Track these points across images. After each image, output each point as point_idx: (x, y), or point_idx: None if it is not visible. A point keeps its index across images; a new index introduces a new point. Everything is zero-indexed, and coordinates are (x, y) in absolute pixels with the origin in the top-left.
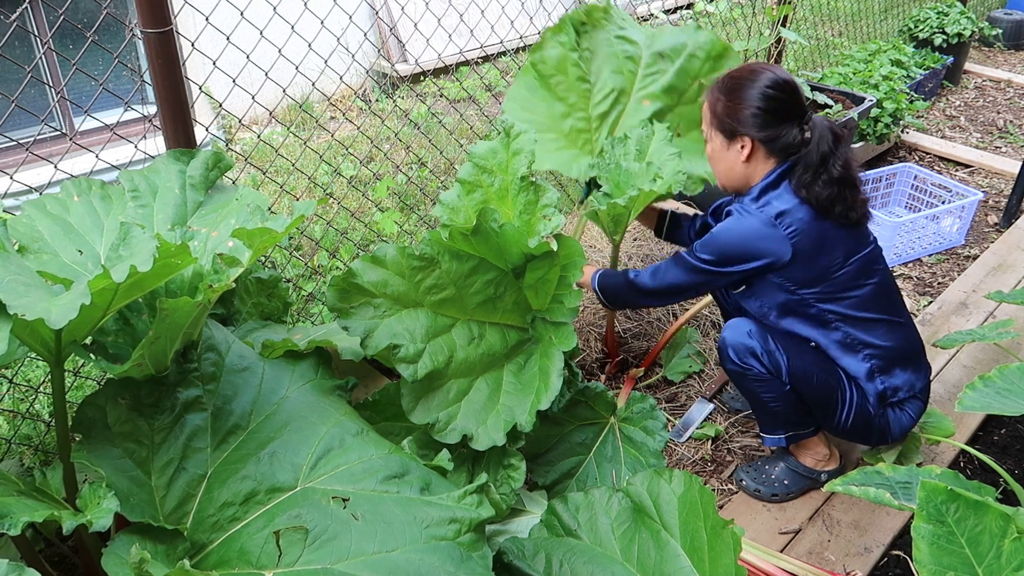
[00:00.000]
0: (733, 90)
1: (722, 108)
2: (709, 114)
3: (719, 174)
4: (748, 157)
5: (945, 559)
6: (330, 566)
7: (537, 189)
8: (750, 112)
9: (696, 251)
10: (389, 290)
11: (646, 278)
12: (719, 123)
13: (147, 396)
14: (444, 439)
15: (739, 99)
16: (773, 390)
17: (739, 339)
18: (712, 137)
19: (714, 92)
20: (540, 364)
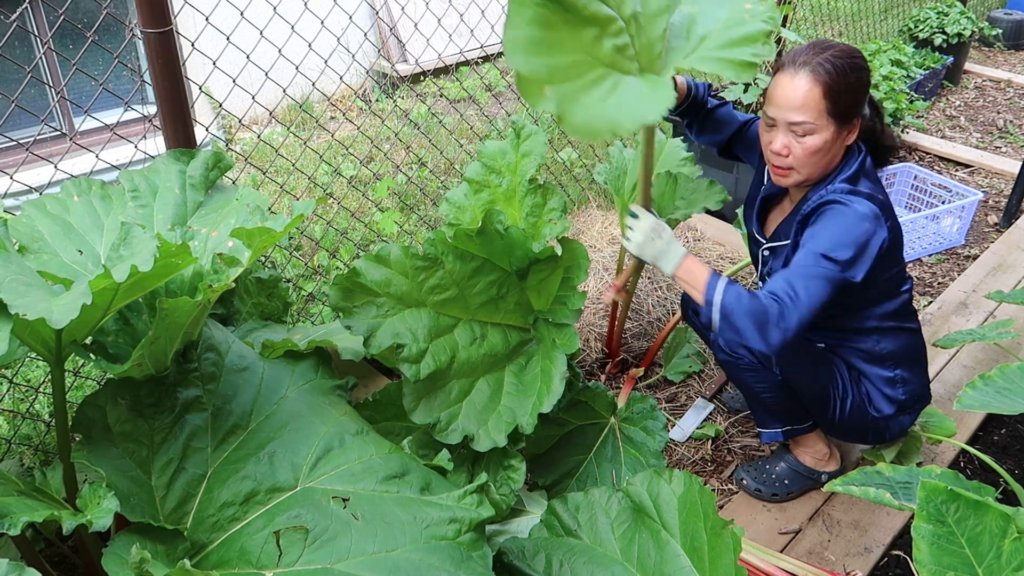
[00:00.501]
0: (850, 69)
1: (845, 92)
2: (826, 101)
3: (817, 168)
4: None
5: (945, 559)
6: (330, 566)
7: (545, 192)
8: (863, 90)
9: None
10: (392, 289)
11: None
12: (840, 110)
13: (147, 396)
14: (445, 439)
15: (855, 78)
16: (765, 380)
17: None
18: (827, 128)
19: (826, 75)
20: (542, 366)
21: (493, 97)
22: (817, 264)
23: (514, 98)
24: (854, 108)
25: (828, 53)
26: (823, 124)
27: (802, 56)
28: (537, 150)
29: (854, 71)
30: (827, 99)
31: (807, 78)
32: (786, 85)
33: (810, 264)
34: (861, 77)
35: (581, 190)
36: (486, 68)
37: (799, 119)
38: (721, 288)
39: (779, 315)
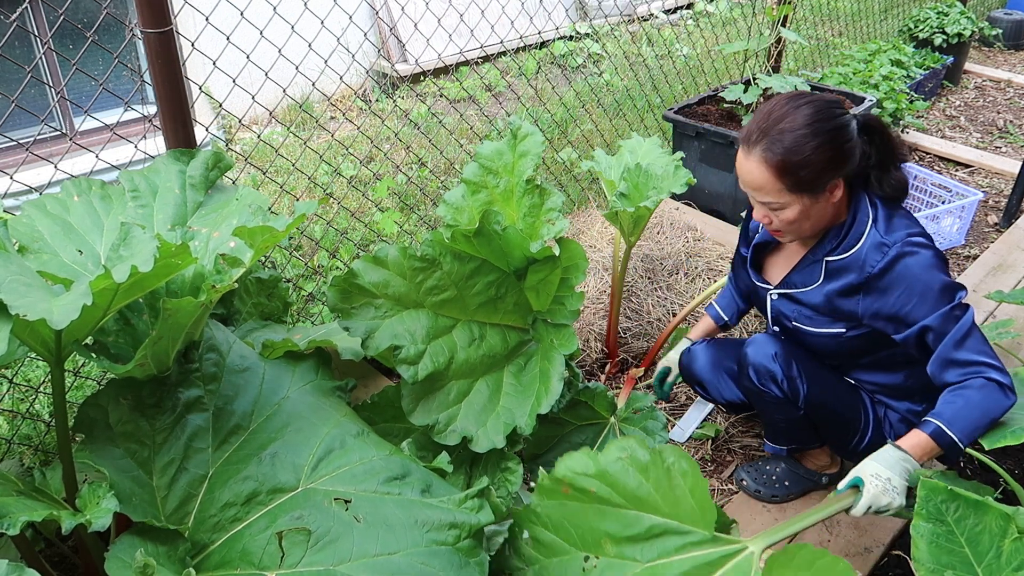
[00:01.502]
0: (800, 143)
1: (801, 168)
2: (785, 180)
3: (804, 231)
4: (840, 197)
5: (944, 558)
6: (333, 568)
7: (543, 192)
8: (831, 156)
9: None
10: (390, 291)
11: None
12: (803, 185)
13: (149, 396)
14: (444, 441)
15: (812, 148)
16: (786, 413)
17: (763, 361)
18: (795, 202)
19: (774, 156)
20: (541, 366)
21: (493, 97)
22: (955, 318)
23: (514, 98)
24: (823, 176)
25: (782, 125)
26: (789, 200)
27: (754, 132)
28: (534, 150)
29: (811, 139)
30: (782, 179)
31: (758, 160)
32: (742, 166)
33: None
34: (822, 143)
35: (581, 190)
36: (486, 68)
37: (764, 199)
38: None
39: (997, 386)
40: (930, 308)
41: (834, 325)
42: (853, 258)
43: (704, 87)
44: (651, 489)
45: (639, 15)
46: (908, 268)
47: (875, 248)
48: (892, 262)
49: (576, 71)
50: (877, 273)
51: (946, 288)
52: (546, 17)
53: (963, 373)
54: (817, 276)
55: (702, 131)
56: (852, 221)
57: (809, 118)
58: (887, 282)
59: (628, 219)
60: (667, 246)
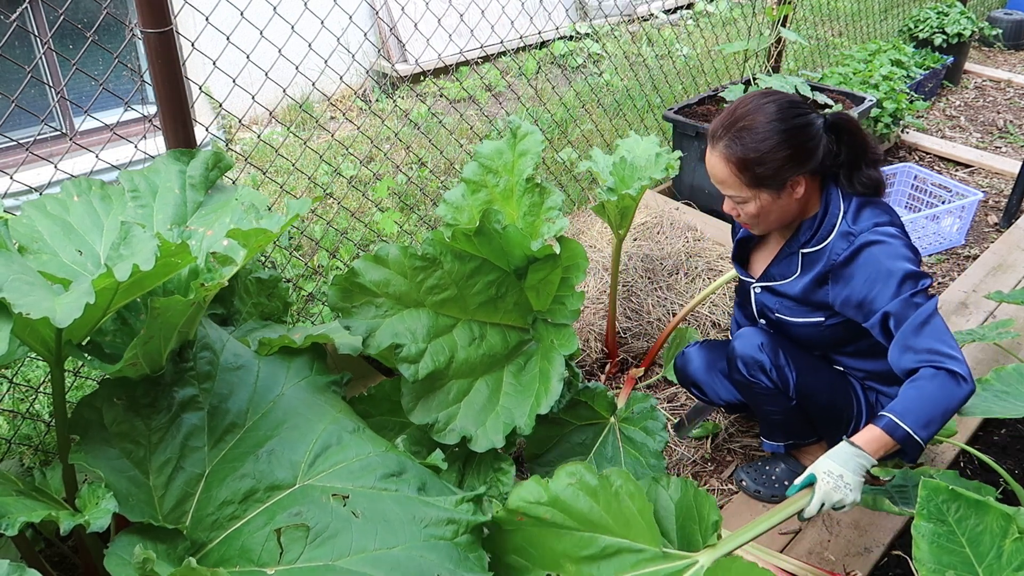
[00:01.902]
0: (759, 140)
1: (758, 164)
2: (744, 175)
3: (770, 224)
4: (803, 192)
5: (945, 558)
6: (332, 563)
7: (543, 191)
8: (790, 153)
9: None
10: (391, 289)
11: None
12: (762, 180)
13: (143, 396)
14: (443, 440)
15: (771, 146)
16: (778, 404)
17: (750, 352)
18: (755, 197)
19: (734, 152)
20: (540, 366)
21: (493, 97)
22: (915, 305)
23: (514, 98)
24: (781, 172)
25: (743, 123)
26: (748, 195)
27: (719, 129)
28: (534, 149)
29: (770, 136)
30: (741, 174)
31: (719, 156)
32: (708, 160)
33: (911, 309)
34: (780, 141)
35: (581, 190)
36: (486, 68)
37: (727, 192)
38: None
39: (950, 375)
40: (891, 294)
41: (813, 315)
42: (825, 249)
43: (704, 87)
44: (602, 512)
45: (639, 15)
46: (871, 256)
47: (841, 237)
48: (856, 251)
49: (576, 71)
50: (841, 261)
51: (908, 276)
52: (546, 17)
53: (918, 360)
54: (795, 268)
55: (702, 131)
56: (824, 213)
57: (770, 116)
58: (851, 270)
59: (614, 210)
60: (667, 246)
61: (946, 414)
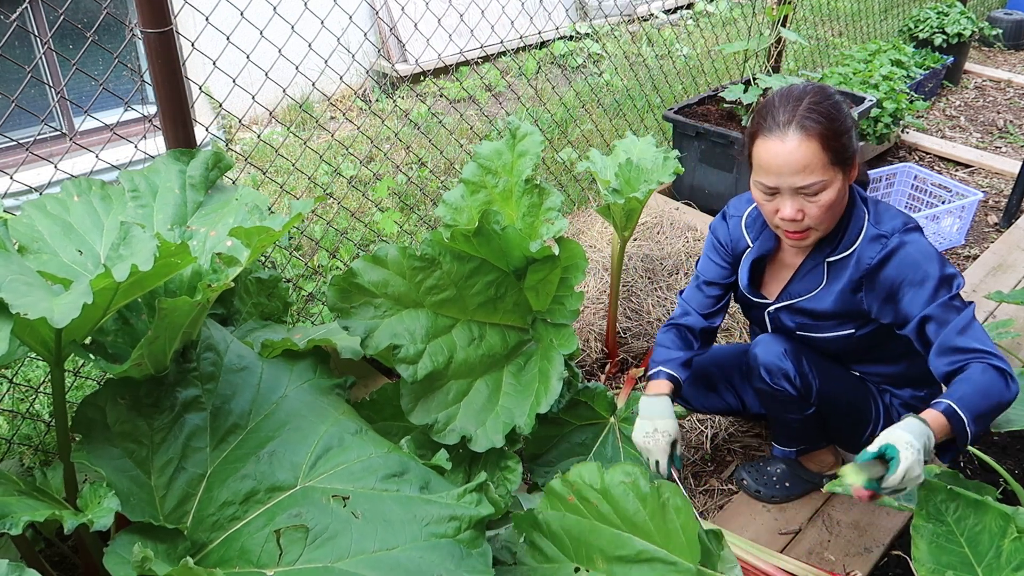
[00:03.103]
0: (834, 109)
1: (843, 136)
2: (827, 153)
3: (828, 224)
4: (853, 177)
5: (944, 558)
6: (331, 564)
7: (542, 192)
8: (853, 131)
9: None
10: (390, 290)
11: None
12: (840, 156)
13: (146, 396)
14: (443, 440)
15: (841, 119)
16: (799, 411)
17: (773, 360)
18: (836, 178)
19: (817, 128)
20: (540, 366)
21: (493, 97)
22: (955, 308)
23: (514, 98)
24: (851, 145)
25: (806, 101)
26: (831, 176)
27: (782, 115)
28: (533, 150)
29: (836, 109)
30: (827, 150)
31: (799, 136)
32: (779, 151)
33: (952, 313)
34: (843, 111)
35: (581, 190)
36: (486, 68)
37: (807, 182)
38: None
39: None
40: (929, 298)
41: (842, 328)
42: (853, 254)
43: (704, 87)
44: (647, 517)
45: (639, 15)
46: (907, 258)
47: (872, 241)
48: (890, 254)
49: (576, 71)
50: (876, 265)
51: (945, 278)
52: (546, 17)
53: (966, 359)
54: (820, 279)
55: (702, 131)
56: (848, 219)
57: (826, 91)
58: (886, 274)
59: (620, 212)
60: (667, 246)
61: (996, 410)
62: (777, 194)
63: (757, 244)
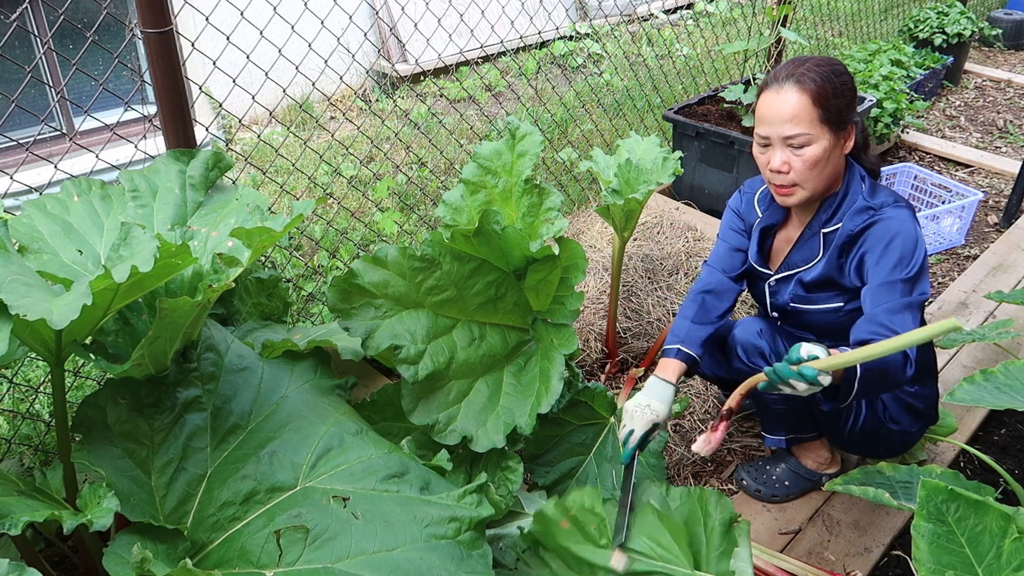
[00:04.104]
0: (832, 75)
1: (835, 96)
2: (817, 108)
3: (822, 180)
4: (849, 148)
5: (945, 558)
6: (331, 565)
7: (541, 192)
8: (851, 97)
9: (907, 281)
10: (390, 291)
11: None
12: (831, 115)
13: (147, 396)
14: (444, 440)
15: (839, 84)
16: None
17: (749, 338)
18: (822, 136)
19: (812, 82)
20: (541, 366)
21: (493, 97)
22: (900, 289)
23: (514, 98)
24: (846, 112)
25: (809, 63)
26: (818, 133)
27: (784, 71)
28: (533, 150)
29: (838, 76)
30: (817, 106)
31: (793, 89)
32: (773, 100)
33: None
34: (846, 82)
35: (581, 190)
36: (486, 68)
37: (794, 132)
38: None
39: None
40: (886, 271)
41: (833, 300)
42: (844, 223)
43: (704, 87)
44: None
45: (639, 15)
46: (883, 228)
47: (861, 211)
48: (873, 222)
49: (576, 71)
50: (858, 232)
51: (905, 257)
52: (546, 17)
53: (876, 331)
54: (817, 250)
55: (702, 131)
56: (845, 192)
57: (833, 61)
58: (864, 239)
59: (619, 213)
60: (667, 246)
61: (885, 383)
62: (769, 146)
63: (766, 214)
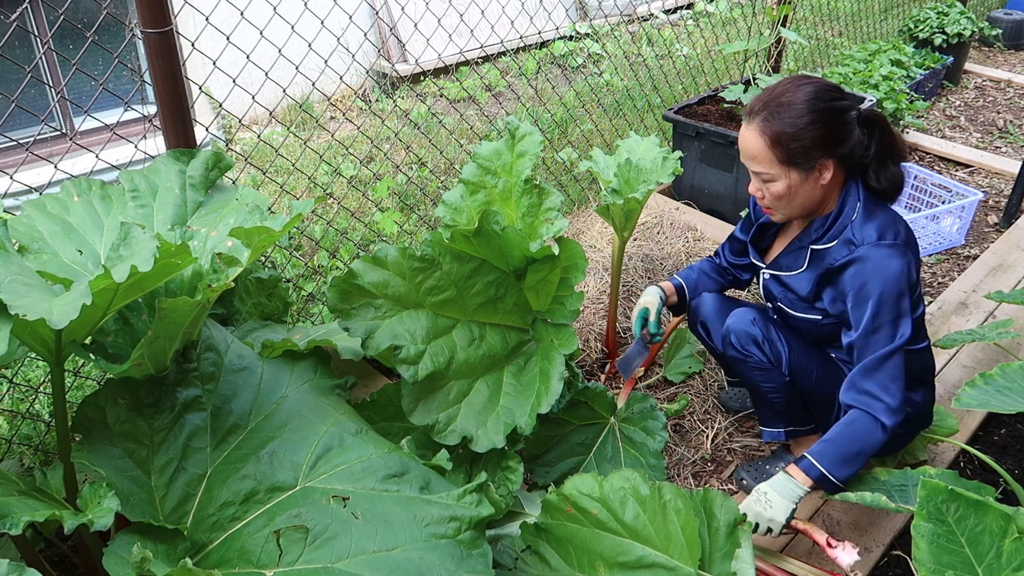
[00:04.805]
0: (795, 116)
1: (792, 140)
2: (776, 151)
3: (793, 209)
4: (829, 180)
5: (944, 558)
6: (331, 565)
7: (541, 192)
8: (822, 133)
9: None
10: (390, 291)
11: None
12: (793, 157)
13: (147, 396)
14: (444, 440)
15: (805, 124)
16: (773, 380)
17: (742, 326)
18: (784, 175)
19: (770, 127)
20: (541, 366)
21: (493, 97)
22: (875, 343)
23: (514, 98)
24: (814, 151)
25: (785, 96)
26: (778, 172)
27: (757, 104)
28: (532, 150)
29: (806, 115)
30: (774, 149)
31: (755, 130)
32: (743, 135)
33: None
34: (815, 120)
35: (581, 190)
36: (486, 68)
37: (757, 169)
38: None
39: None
40: (864, 321)
41: (812, 311)
42: (830, 249)
43: (704, 87)
44: (646, 522)
45: (639, 15)
46: (860, 272)
47: (846, 243)
48: (849, 262)
49: (576, 71)
50: (837, 268)
51: (884, 303)
52: (546, 17)
53: (855, 401)
54: (802, 262)
55: (702, 131)
56: (839, 213)
57: (808, 95)
58: (842, 278)
59: (619, 212)
60: (667, 246)
61: (860, 456)
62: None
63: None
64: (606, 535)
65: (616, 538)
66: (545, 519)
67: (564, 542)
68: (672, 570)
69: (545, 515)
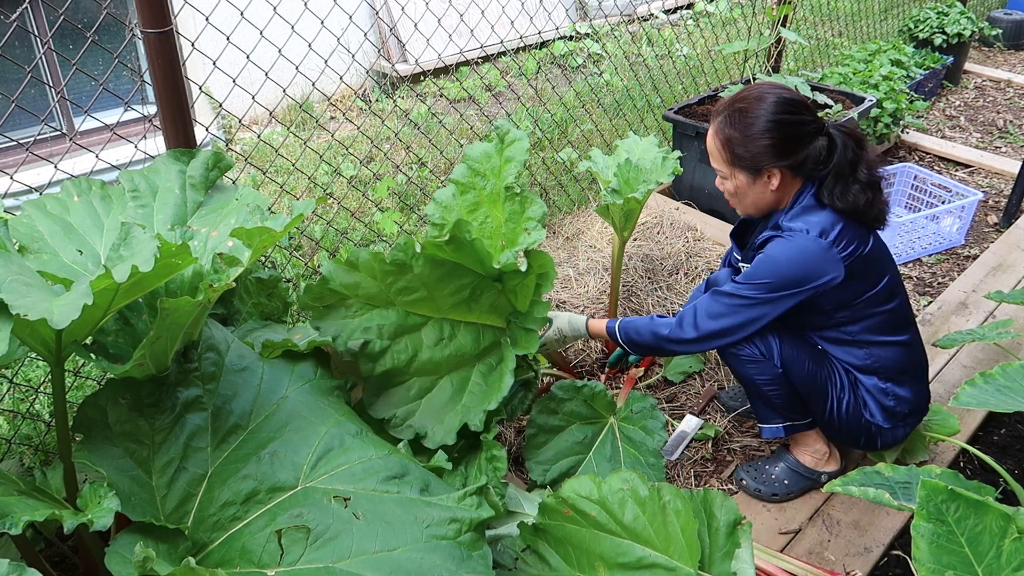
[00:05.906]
0: (747, 124)
1: (740, 146)
2: (725, 152)
3: (746, 206)
4: (778, 186)
5: (944, 558)
6: (332, 565)
7: (524, 200)
8: (771, 143)
9: (745, 285)
10: (361, 291)
11: (684, 330)
12: (740, 161)
13: (147, 396)
14: (399, 435)
15: (756, 132)
16: (766, 372)
17: None
18: (733, 175)
19: (724, 129)
20: (506, 365)
21: (493, 97)
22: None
23: (514, 98)
24: (760, 159)
25: (741, 106)
26: (730, 172)
27: (721, 106)
28: (519, 157)
29: (759, 124)
30: (723, 150)
31: (712, 129)
32: (707, 134)
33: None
34: (766, 131)
35: (581, 190)
36: (486, 68)
37: (714, 166)
38: (617, 327)
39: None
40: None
41: None
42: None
43: (704, 87)
44: (646, 523)
45: (639, 15)
46: (775, 246)
47: (772, 228)
48: (770, 237)
49: (576, 71)
50: (758, 246)
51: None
52: (546, 17)
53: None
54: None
55: (702, 131)
56: (788, 211)
57: (766, 105)
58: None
59: (619, 212)
60: (667, 246)
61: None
62: None
63: None
64: (606, 536)
65: (616, 539)
66: (543, 520)
67: (563, 542)
68: (672, 570)
69: (543, 516)
